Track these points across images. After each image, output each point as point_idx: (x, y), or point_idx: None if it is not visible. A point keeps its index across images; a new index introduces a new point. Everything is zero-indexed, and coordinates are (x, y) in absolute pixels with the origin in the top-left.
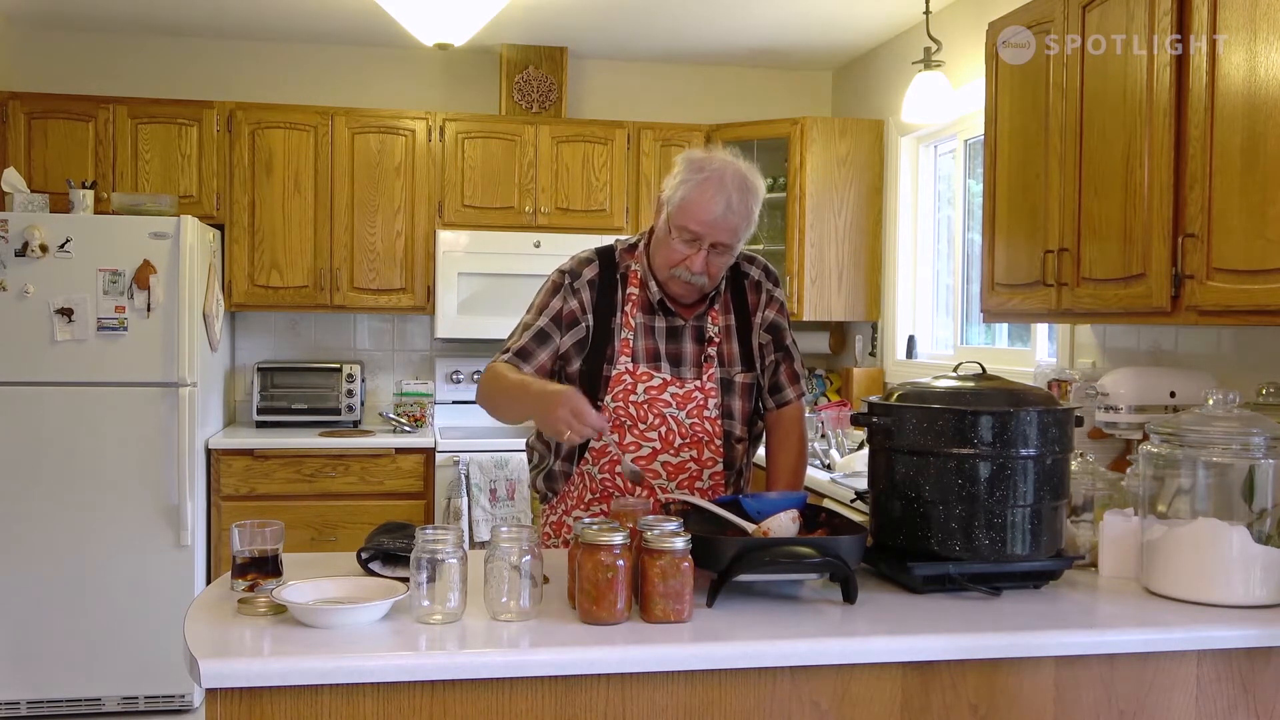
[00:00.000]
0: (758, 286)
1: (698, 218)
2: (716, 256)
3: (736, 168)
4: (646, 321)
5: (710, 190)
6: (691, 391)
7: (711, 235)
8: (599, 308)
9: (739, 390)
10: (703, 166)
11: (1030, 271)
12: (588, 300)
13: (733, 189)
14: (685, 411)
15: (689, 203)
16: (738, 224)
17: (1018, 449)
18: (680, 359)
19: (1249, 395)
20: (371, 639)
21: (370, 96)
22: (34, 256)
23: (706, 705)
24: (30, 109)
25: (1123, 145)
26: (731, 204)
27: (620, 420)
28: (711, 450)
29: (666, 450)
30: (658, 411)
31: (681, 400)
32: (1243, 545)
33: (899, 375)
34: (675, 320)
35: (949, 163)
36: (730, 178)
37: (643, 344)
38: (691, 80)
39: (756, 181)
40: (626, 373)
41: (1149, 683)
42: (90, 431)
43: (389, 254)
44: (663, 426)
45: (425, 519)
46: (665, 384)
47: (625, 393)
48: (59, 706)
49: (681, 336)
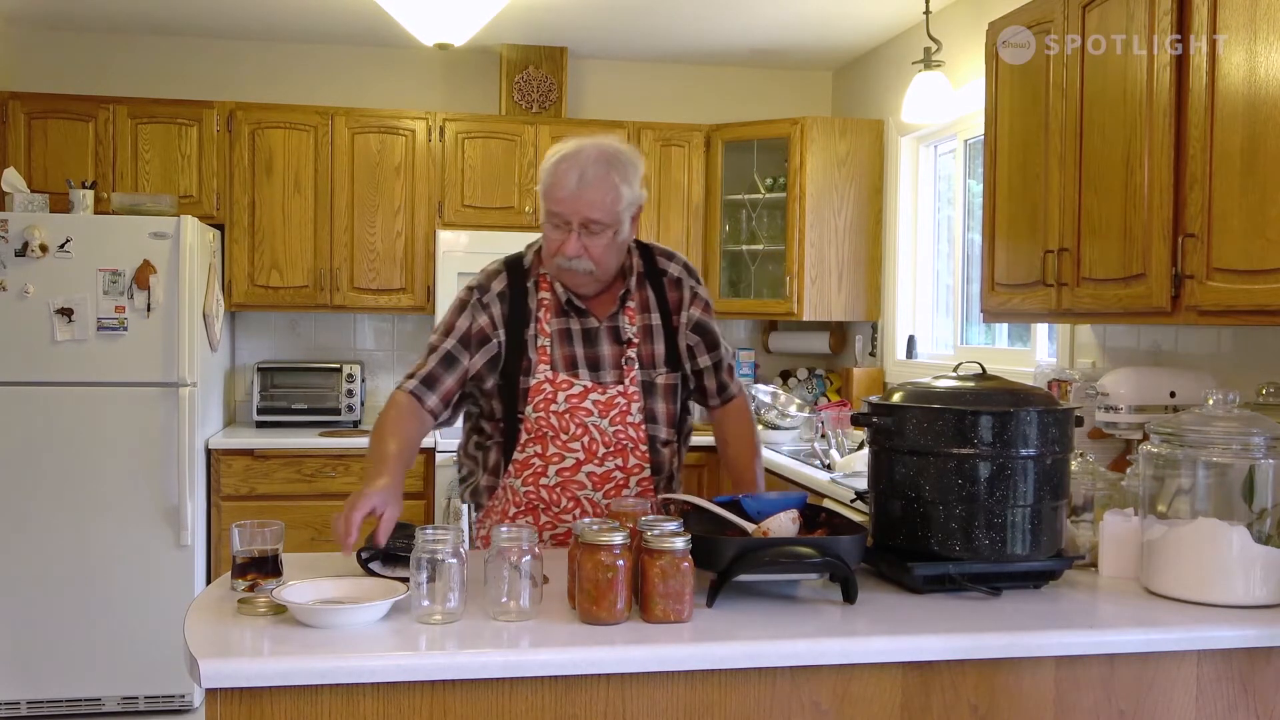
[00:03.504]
0: (678, 284)
1: (555, 196)
2: (591, 237)
3: (597, 144)
4: (561, 325)
5: (564, 168)
6: (614, 398)
7: (575, 213)
8: (510, 321)
9: (662, 392)
10: (561, 150)
11: (1030, 271)
12: (498, 315)
13: (588, 163)
14: (608, 419)
15: (546, 186)
16: (598, 197)
17: (1018, 449)
18: (599, 363)
19: (1249, 395)
20: (371, 639)
21: (370, 96)
22: (34, 256)
23: (706, 705)
24: (30, 109)
25: (1123, 145)
26: (586, 176)
27: (542, 431)
28: (637, 457)
29: (591, 460)
30: (580, 421)
31: (604, 407)
32: (1243, 545)
33: (899, 375)
34: (589, 321)
35: (949, 163)
36: (587, 153)
37: (560, 351)
38: (691, 80)
39: (621, 153)
40: (546, 381)
41: (1149, 683)
42: (90, 431)
43: (389, 254)
44: (585, 436)
45: (425, 519)
46: (586, 391)
47: (545, 402)
48: (59, 706)
49: (598, 339)
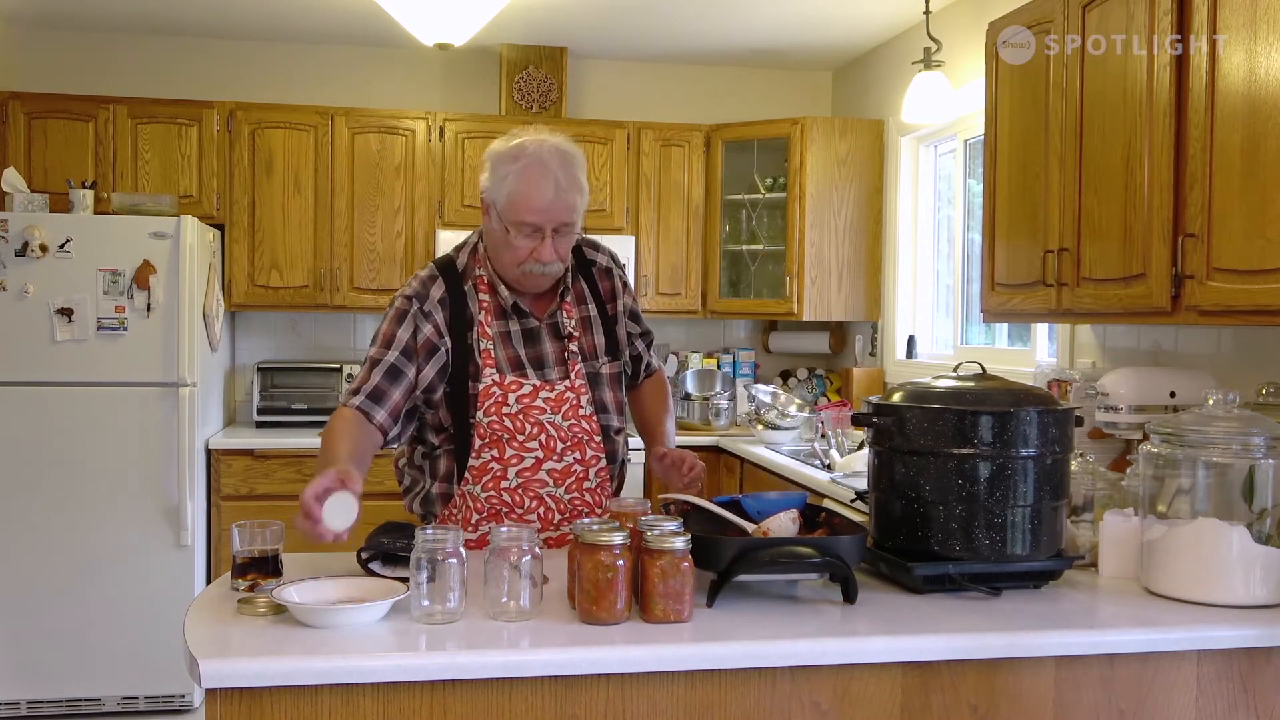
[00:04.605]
0: (609, 273)
1: (531, 207)
2: (561, 239)
3: (551, 144)
4: (501, 328)
5: (534, 175)
6: (563, 393)
7: (551, 220)
8: (454, 326)
9: (607, 381)
10: (518, 155)
11: (1030, 271)
12: (442, 322)
13: (556, 168)
14: (560, 414)
15: (518, 195)
16: (572, 200)
17: (1018, 449)
18: (542, 361)
19: (1249, 395)
20: (371, 639)
21: (370, 96)
22: (34, 256)
23: (706, 705)
24: (30, 109)
25: (1123, 145)
26: (560, 183)
27: (497, 435)
28: (594, 448)
29: (550, 457)
30: (534, 420)
31: (554, 404)
32: (1243, 545)
33: (899, 375)
34: (529, 321)
35: (949, 163)
36: (550, 156)
37: (504, 353)
38: (691, 80)
39: (574, 150)
40: (495, 385)
41: (1149, 683)
42: (90, 431)
43: (389, 254)
44: (541, 434)
45: None
46: (536, 390)
47: (497, 405)
48: (59, 706)
49: (539, 337)
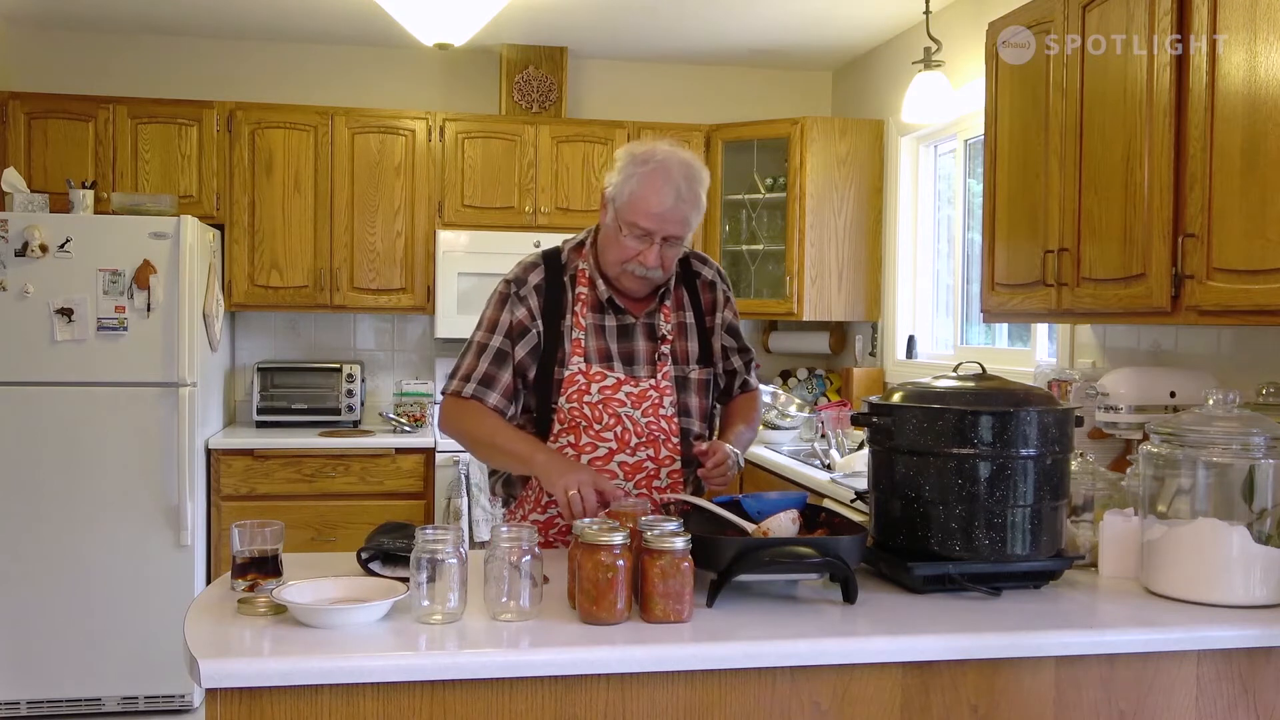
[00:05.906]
0: (712, 286)
1: (648, 211)
2: (669, 249)
3: (680, 156)
4: (596, 321)
5: (658, 182)
6: (646, 390)
7: (663, 229)
8: (547, 312)
9: (695, 387)
10: (647, 159)
11: (1030, 271)
12: (535, 306)
13: (680, 178)
14: (640, 410)
15: (638, 198)
16: (688, 213)
17: (1018, 449)
18: (633, 358)
19: (1249, 395)
20: (371, 639)
21: (370, 96)
22: (34, 256)
23: (706, 705)
24: (30, 109)
25: (1123, 145)
26: (681, 193)
27: (575, 421)
28: (669, 448)
29: (623, 450)
30: (613, 411)
31: (636, 399)
32: (1243, 545)
33: (899, 375)
34: (626, 318)
35: (949, 163)
36: (676, 167)
37: (594, 344)
38: (691, 80)
39: (701, 167)
40: (580, 373)
41: (1149, 683)
42: (90, 431)
43: (389, 254)
44: (618, 426)
45: (425, 519)
46: (619, 383)
47: (579, 393)
48: (59, 706)
49: (633, 335)
